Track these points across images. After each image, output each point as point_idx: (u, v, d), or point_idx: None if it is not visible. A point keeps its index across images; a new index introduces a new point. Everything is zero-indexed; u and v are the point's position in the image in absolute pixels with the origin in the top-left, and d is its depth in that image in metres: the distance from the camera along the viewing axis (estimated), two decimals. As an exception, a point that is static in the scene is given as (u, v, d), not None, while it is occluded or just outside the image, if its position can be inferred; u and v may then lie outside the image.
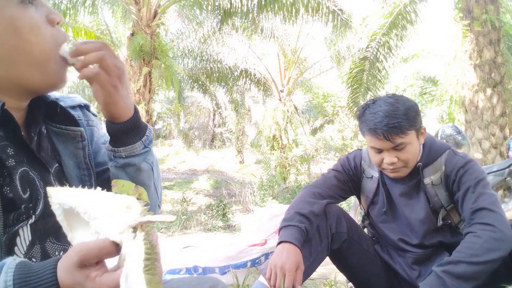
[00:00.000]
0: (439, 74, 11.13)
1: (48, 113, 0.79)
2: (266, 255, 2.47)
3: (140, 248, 0.50)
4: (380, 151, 1.41)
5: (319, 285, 2.31)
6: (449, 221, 1.49)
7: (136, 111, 0.80)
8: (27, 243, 0.67)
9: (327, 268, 1.74)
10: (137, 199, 0.56)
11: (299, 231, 1.35)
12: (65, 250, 0.73)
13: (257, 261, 2.47)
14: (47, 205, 0.69)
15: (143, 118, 7.30)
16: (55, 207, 0.59)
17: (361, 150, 1.68)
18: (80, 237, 0.58)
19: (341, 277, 2.14)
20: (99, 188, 0.58)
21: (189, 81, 11.34)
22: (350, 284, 1.80)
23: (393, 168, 1.42)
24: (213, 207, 9.36)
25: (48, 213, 0.69)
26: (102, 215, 0.55)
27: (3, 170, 0.65)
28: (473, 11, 5.61)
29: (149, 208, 0.55)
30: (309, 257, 1.42)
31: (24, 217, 0.66)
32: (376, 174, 1.58)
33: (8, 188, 0.65)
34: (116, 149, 0.80)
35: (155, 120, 19.24)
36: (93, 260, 0.52)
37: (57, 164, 0.78)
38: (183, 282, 0.88)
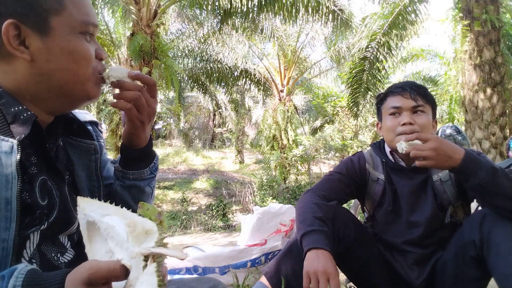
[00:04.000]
0: (439, 74, 11.14)
1: (66, 126, 0.84)
2: (266, 255, 2.47)
3: (153, 280, 0.51)
4: (398, 113, 1.47)
5: (319, 285, 2.31)
6: (457, 218, 1.50)
7: (150, 141, 0.90)
8: (34, 246, 0.69)
9: (327, 268, 1.74)
10: (158, 225, 0.57)
11: (325, 235, 1.31)
12: (61, 253, 0.75)
13: (257, 261, 2.47)
14: (59, 214, 0.73)
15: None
16: (80, 217, 0.61)
17: (363, 152, 1.67)
18: (97, 251, 0.60)
19: (341, 277, 2.14)
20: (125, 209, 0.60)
21: (189, 81, 11.34)
22: (350, 284, 1.80)
23: (409, 129, 1.42)
24: (213, 207, 9.36)
25: (57, 221, 0.72)
26: (119, 235, 0.56)
27: (25, 177, 0.67)
28: (473, 11, 5.61)
29: (165, 238, 0.58)
30: None
31: (37, 222, 0.68)
32: (381, 176, 1.57)
33: (27, 194, 0.67)
34: (125, 171, 0.89)
35: (155, 120, 19.22)
36: (101, 281, 0.53)
37: (68, 176, 0.81)
38: (183, 282, 0.89)
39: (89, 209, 0.61)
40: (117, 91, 0.82)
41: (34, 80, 0.71)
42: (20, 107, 0.70)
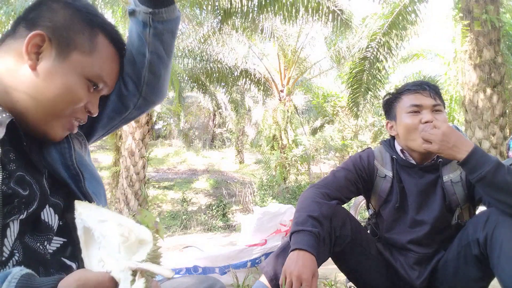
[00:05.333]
0: (439, 74, 11.13)
1: None
2: (266, 255, 2.47)
3: None
4: (418, 111, 1.47)
5: (319, 285, 2.31)
6: (464, 220, 1.50)
7: None
8: (15, 236, 0.70)
9: (327, 268, 1.74)
10: (153, 234, 0.56)
11: (313, 236, 1.32)
12: (49, 240, 0.76)
13: (257, 261, 2.47)
14: (38, 207, 0.74)
15: (143, 118, 7.28)
16: (77, 221, 0.61)
17: (372, 149, 1.66)
18: (92, 258, 0.59)
19: (341, 277, 2.14)
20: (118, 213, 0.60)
21: (189, 81, 11.33)
22: (350, 284, 1.80)
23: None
24: (213, 207, 9.36)
25: (34, 214, 0.73)
26: (111, 245, 0.56)
27: (3, 172, 0.69)
28: (473, 11, 5.60)
29: (159, 248, 0.57)
30: None
31: (16, 211, 0.69)
32: (389, 174, 1.56)
33: (6, 187, 0.68)
34: (157, 10, 0.85)
35: (155, 120, 19.23)
36: None
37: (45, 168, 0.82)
38: (181, 282, 0.89)
39: (85, 214, 0.60)
40: None
41: (26, 88, 0.74)
42: None
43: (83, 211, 0.61)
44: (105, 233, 0.57)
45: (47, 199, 0.77)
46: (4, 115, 0.72)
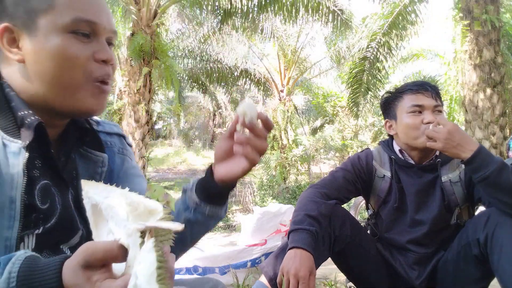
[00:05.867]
0: (439, 74, 11.13)
1: (81, 136, 0.82)
2: (266, 255, 2.47)
3: (152, 255, 0.47)
4: (420, 112, 1.47)
5: (319, 285, 2.32)
6: (463, 220, 1.50)
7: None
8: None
9: (327, 268, 1.74)
10: (164, 206, 0.54)
11: (310, 235, 1.32)
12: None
13: (257, 261, 2.47)
14: (60, 221, 0.71)
15: (143, 118, 7.27)
16: (85, 201, 0.58)
17: (370, 149, 1.67)
18: (102, 232, 0.56)
19: (341, 277, 2.14)
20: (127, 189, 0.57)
21: (189, 81, 11.33)
22: (350, 284, 1.80)
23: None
24: (213, 207, 9.34)
25: (54, 229, 0.71)
26: (119, 214, 0.53)
27: (26, 178, 0.67)
28: (473, 11, 5.60)
29: (171, 218, 0.54)
30: None
31: (32, 225, 0.67)
32: (388, 174, 1.57)
33: (26, 196, 0.67)
34: (203, 205, 0.82)
35: (155, 120, 19.24)
36: (98, 263, 0.50)
37: (72, 190, 0.79)
38: (183, 282, 0.89)
39: (93, 192, 0.58)
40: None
41: (29, 83, 0.71)
42: (26, 112, 0.70)
43: (90, 190, 0.58)
44: (112, 204, 0.54)
45: (72, 215, 0.74)
46: (33, 117, 0.70)
